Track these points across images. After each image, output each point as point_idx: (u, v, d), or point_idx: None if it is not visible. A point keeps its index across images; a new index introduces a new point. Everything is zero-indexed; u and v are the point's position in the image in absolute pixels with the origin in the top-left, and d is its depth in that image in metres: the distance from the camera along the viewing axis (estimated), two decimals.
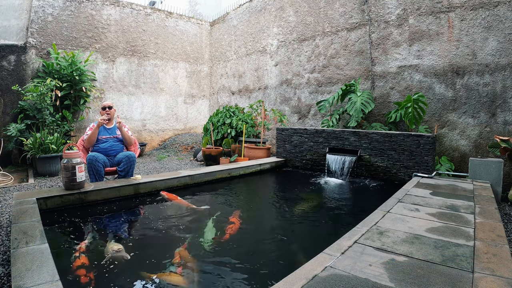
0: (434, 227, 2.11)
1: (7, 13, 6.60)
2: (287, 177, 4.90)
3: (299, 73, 7.09)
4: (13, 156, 6.37)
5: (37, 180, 5.01)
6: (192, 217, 2.86)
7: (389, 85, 5.54)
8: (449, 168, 4.53)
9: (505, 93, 4.31)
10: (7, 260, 2.18)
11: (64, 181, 2.95)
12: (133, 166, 3.76)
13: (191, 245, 2.23)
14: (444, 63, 4.86)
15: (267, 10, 7.87)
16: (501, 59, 4.32)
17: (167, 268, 1.89)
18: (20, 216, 2.25)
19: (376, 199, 3.32)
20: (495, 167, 3.57)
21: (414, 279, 1.41)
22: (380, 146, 4.38)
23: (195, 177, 3.97)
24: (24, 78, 6.56)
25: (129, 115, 8.34)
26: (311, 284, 1.37)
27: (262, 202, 3.68)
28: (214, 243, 2.30)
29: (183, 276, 1.81)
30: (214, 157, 6.34)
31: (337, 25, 6.29)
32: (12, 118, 6.34)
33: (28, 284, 1.37)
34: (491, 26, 4.39)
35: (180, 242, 2.28)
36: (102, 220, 2.78)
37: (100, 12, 7.63)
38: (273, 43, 7.73)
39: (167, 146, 8.72)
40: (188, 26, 9.43)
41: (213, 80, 9.96)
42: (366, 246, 1.77)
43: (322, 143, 5.00)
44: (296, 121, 7.23)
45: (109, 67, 7.88)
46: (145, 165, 6.62)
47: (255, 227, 2.82)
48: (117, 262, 1.94)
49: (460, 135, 4.77)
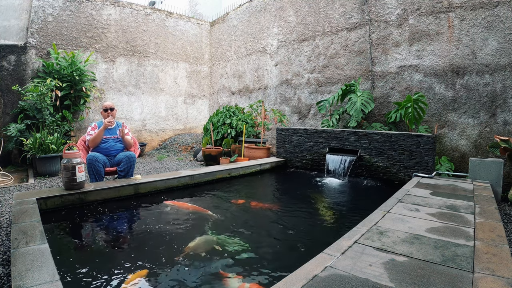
0: (434, 227, 2.11)
1: (7, 13, 6.60)
2: (287, 177, 4.90)
3: (299, 73, 7.09)
4: (13, 156, 6.37)
5: (37, 180, 5.01)
6: (192, 217, 2.86)
7: (389, 85, 5.54)
8: (449, 168, 4.53)
9: (505, 93, 4.31)
10: (7, 260, 2.18)
11: (64, 181, 2.95)
12: (133, 166, 3.76)
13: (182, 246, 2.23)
14: (444, 63, 4.86)
15: (267, 10, 7.87)
16: (501, 59, 4.32)
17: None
18: (20, 216, 2.25)
19: (376, 199, 3.32)
20: (495, 167, 3.57)
21: (414, 279, 1.41)
22: (380, 146, 4.38)
23: (195, 177, 3.97)
24: (24, 78, 6.56)
25: (129, 115, 8.35)
26: (311, 284, 1.37)
27: (262, 202, 3.67)
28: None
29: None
30: (214, 157, 6.34)
31: (337, 25, 6.29)
32: (12, 118, 6.34)
33: (28, 284, 1.37)
34: (491, 26, 4.39)
35: (179, 242, 2.28)
36: (102, 220, 2.78)
37: (100, 12, 7.63)
38: (273, 43, 7.73)
39: (167, 146, 8.72)
40: (188, 26, 9.43)
41: (213, 80, 9.96)
42: (366, 246, 1.77)
43: (322, 143, 5.00)
44: (296, 121, 7.23)
45: (109, 67, 7.89)
46: (145, 165, 6.62)
47: (255, 226, 2.82)
48: (120, 263, 1.94)
49: (460, 135, 4.76)
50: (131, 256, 2.05)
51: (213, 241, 2.31)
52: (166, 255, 2.08)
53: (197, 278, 1.82)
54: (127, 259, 2.00)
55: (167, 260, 2.01)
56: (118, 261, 2.00)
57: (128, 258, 2.02)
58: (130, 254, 2.11)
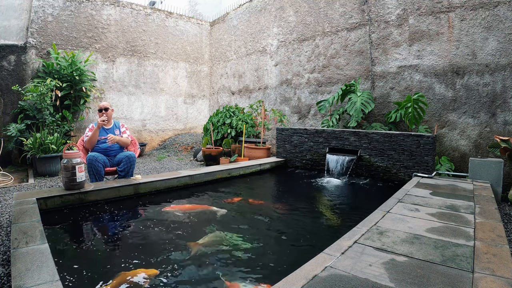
0: (434, 227, 2.11)
1: (7, 13, 6.60)
2: (287, 177, 4.90)
3: (299, 73, 7.10)
4: (13, 156, 6.37)
5: (37, 180, 5.01)
6: (193, 216, 2.86)
7: (389, 85, 5.54)
8: (449, 168, 4.53)
9: (505, 93, 4.31)
10: (7, 260, 2.18)
11: (64, 181, 2.95)
12: (133, 166, 3.76)
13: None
14: (444, 63, 4.86)
15: (267, 10, 7.87)
16: (501, 59, 4.32)
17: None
18: (20, 216, 2.25)
19: (376, 199, 3.32)
20: (495, 167, 3.57)
21: (414, 279, 1.41)
22: (380, 146, 4.38)
23: (195, 177, 3.97)
24: (24, 78, 6.56)
25: (129, 115, 8.34)
26: (311, 284, 1.37)
27: (262, 201, 3.67)
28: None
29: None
30: (214, 157, 6.34)
31: (337, 25, 6.29)
32: (12, 118, 6.34)
33: (28, 284, 1.37)
34: (491, 26, 4.39)
35: (177, 242, 2.28)
36: (102, 220, 2.78)
37: (100, 12, 7.63)
38: (273, 43, 7.73)
39: (167, 146, 8.72)
40: (188, 26, 9.43)
41: (213, 80, 9.96)
42: (366, 246, 1.77)
43: (322, 143, 4.99)
44: (296, 121, 7.23)
45: (109, 67, 7.89)
46: (145, 165, 6.62)
47: (253, 226, 2.82)
48: (119, 262, 1.94)
49: (460, 135, 4.76)
50: (131, 256, 2.05)
51: (221, 239, 2.32)
52: (166, 255, 2.08)
53: (198, 277, 1.82)
54: (127, 259, 2.00)
55: (167, 260, 2.01)
56: (118, 261, 2.00)
57: (128, 258, 2.02)
58: (130, 253, 2.11)
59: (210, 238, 2.34)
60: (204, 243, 2.24)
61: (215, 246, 2.22)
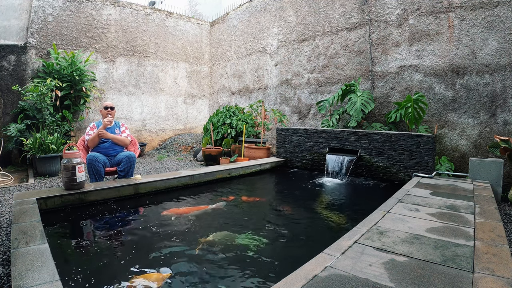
0: (434, 227, 2.11)
1: (7, 13, 6.60)
2: (287, 177, 4.90)
3: (299, 73, 7.10)
4: (13, 156, 6.37)
5: (37, 180, 5.01)
6: (192, 217, 2.86)
7: (389, 85, 5.54)
8: (449, 168, 4.53)
9: (505, 93, 4.31)
10: (7, 260, 2.18)
11: (64, 181, 2.95)
12: (133, 166, 3.76)
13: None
14: (444, 63, 4.86)
15: (267, 10, 7.87)
16: (501, 59, 4.32)
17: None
18: (20, 216, 2.25)
19: (376, 199, 3.32)
20: (495, 167, 3.57)
21: (414, 279, 1.41)
22: (380, 146, 4.38)
23: (195, 177, 3.97)
24: (24, 78, 6.56)
25: (129, 115, 8.34)
26: (311, 284, 1.37)
27: (262, 201, 3.67)
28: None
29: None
30: (214, 157, 6.34)
31: (337, 25, 6.29)
32: (12, 118, 6.34)
33: (28, 284, 1.37)
34: (491, 26, 4.39)
35: (175, 243, 2.28)
36: (102, 220, 2.78)
37: (100, 12, 7.63)
38: (273, 43, 7.73)
39: (167, 146, 8.72)
40: (188, 26, 9.43)
41: (213, 80, 9.96)
42: (366, 246, 1.77)
43: (322, 143, 4.99)
44: (296, 121, 7.23)
45: (109, 67, 7.89)
46: (145, 165, 6.62)
47: (253, 226, 2.82)
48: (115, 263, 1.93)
49: (460, 135, 4.76)
50: (131, 256, 2.05)
51: (222, 238, 2.33)
52: (165, 254, 2.08)
53: (198, 276, 1.82)
54: (127, 259, 2.00)
55: (166, 260, 2.01)
56: (118, 261, 2.00)
57: (128, 258, 2.02)
58: (130, 253, 2.11)
59: (213, 238, 2.34)
60: (207, 241, 2.25)
61: (217, 246, 2.22)
